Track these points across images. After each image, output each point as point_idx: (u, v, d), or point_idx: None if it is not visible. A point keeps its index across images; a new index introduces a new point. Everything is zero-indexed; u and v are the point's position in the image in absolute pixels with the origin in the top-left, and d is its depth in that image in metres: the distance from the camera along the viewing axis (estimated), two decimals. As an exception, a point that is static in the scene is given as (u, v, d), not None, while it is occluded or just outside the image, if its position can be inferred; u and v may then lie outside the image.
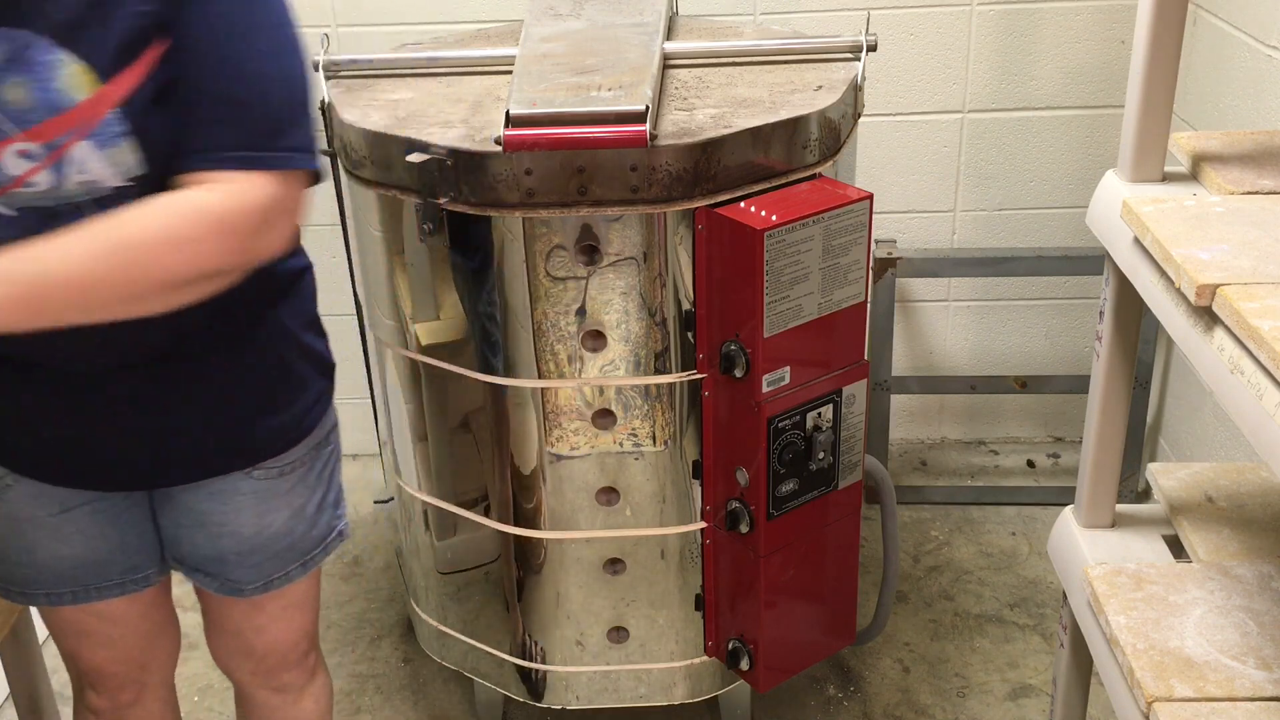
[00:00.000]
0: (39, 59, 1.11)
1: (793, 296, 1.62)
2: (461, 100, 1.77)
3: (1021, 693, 2.22)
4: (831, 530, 1.83)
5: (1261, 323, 1.08)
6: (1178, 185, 1.42)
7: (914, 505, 2.75)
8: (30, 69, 1.11)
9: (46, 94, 1.12)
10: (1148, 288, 1.30)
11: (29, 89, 1.12)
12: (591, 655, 1.92)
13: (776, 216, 1.57)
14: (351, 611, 2.50)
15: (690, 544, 1.85)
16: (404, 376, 1.87)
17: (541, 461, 1.78)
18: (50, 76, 1.12)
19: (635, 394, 1.73)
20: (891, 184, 2.68)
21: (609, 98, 1.62)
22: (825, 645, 1.98)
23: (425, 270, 1.74)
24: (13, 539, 1.40)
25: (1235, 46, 2.22)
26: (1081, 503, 1.60)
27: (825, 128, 1.70)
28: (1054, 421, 2.96)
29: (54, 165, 1.15)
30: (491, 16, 2.52)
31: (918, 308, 2.83)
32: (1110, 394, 1.52)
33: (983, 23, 2.56)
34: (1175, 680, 1.29)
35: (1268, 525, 1.55)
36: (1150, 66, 1.36)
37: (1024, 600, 2.45)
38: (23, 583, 1.44)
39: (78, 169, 1.15)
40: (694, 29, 2.08)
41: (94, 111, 1.13)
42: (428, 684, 2.30)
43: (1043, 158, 2.67)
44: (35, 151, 1.14)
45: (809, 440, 1.72)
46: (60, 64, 1.12)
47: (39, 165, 1.15)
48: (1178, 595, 1.42)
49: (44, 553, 1.41)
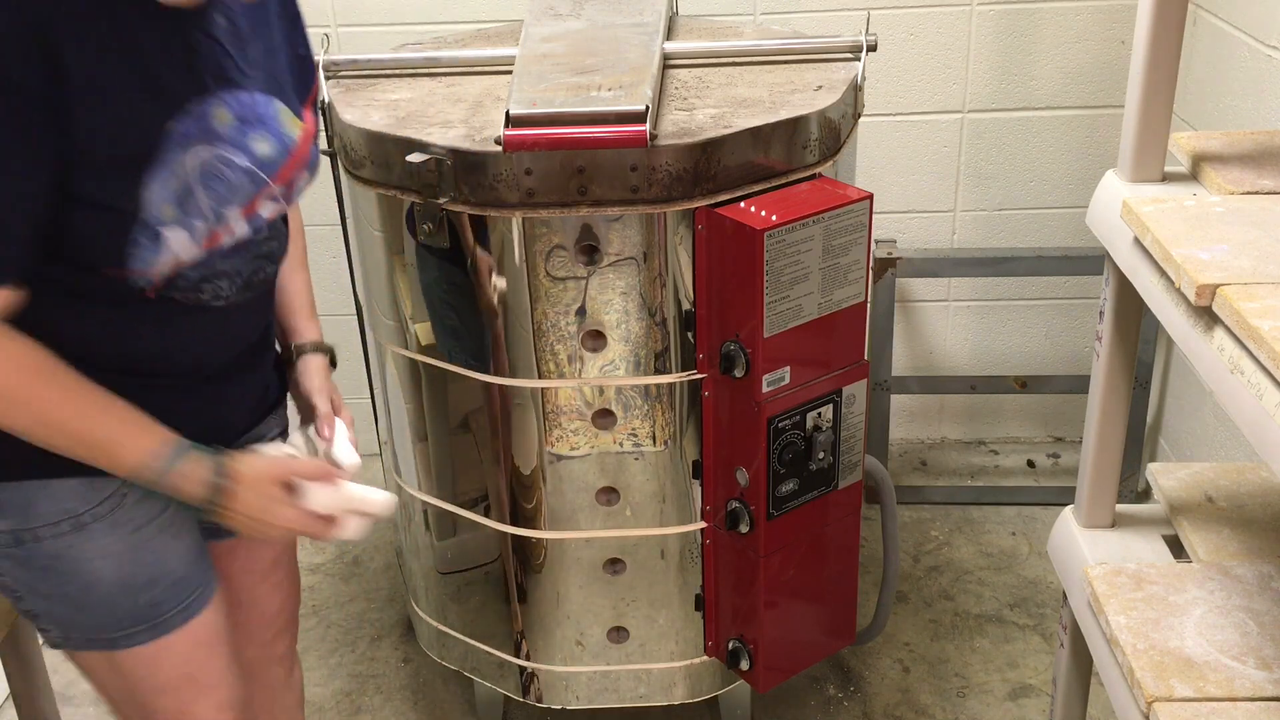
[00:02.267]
0: (265, 112, 1.25)
1: (793, 296, 1.62)
2: (461, 100, 1.78)
3: (1021, 693, 2.22)
4: (831, 530, 1.83)
5: (1261, 323, 1.08)
6: (1178, 185, 1.42)
7: (914, 505, 2.75)
8: (265, 123, 1.25)
9: (281, 140, 1.26)
10: (1148, 288, 1.30)
11: (269, 140, 1.25)
12: (591, 655, 1.92)
13: (776, 216, 1.57)
14: (351, 611, 2.50)
15: (690, 544, 1.85)
16: (404, 376, 1.87)
17: (541, 461, 1.78)
18: (278, 124, 1.26)
19: (635, 394, 1.73)
20: (891, 184, 2.69)
21: (609, 98, 1.62)
22: (825, 645, 1.98)
23: (425, 270, 1.74)
24: (141, 555, 1.34)
25: (1235, 46, 2.22)
26: (1081, 503, 1.60)
27: (825, 128, 1.70)
28: (1054, 421, 2.96)
29: (286, 201, 1.32)
30: (491, 16, 2.52)
31: (918, 308, 2.83)
32: (1110, 394, 1.52)
33: (983, 23, 2.56)
34: (1175, 680, 1.29)
35: (1268, 525, 1.55)
36: (1150, 66, 1.36)
37: (1024, 600, 2.45)
38: (151, 611, 1.36)
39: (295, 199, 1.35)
40: (694, 29, 2.08)
41: (306, 144, 1.31)
42: (428, 684, 2.30)
43: (1043, 158, 2.67)
44: (279, 193, 1.28)
45: (809, 440, 1.72)
46: (278, 111, 1.26)
47: (280, 205, 1.30)
48: (1178, 595, 1.42)
49: (169, 556, 1.37)
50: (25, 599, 1.34)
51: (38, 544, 1.29)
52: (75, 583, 1.31)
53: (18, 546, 1.29)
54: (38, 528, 1.28)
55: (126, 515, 1.32)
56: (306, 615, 2.46)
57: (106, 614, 1.34)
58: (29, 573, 1.31)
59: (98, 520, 1.30)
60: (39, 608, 1.34)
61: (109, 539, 1.31)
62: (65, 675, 2.28)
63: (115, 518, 1.31)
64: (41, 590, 1.32)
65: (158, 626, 1.36)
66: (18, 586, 1.33)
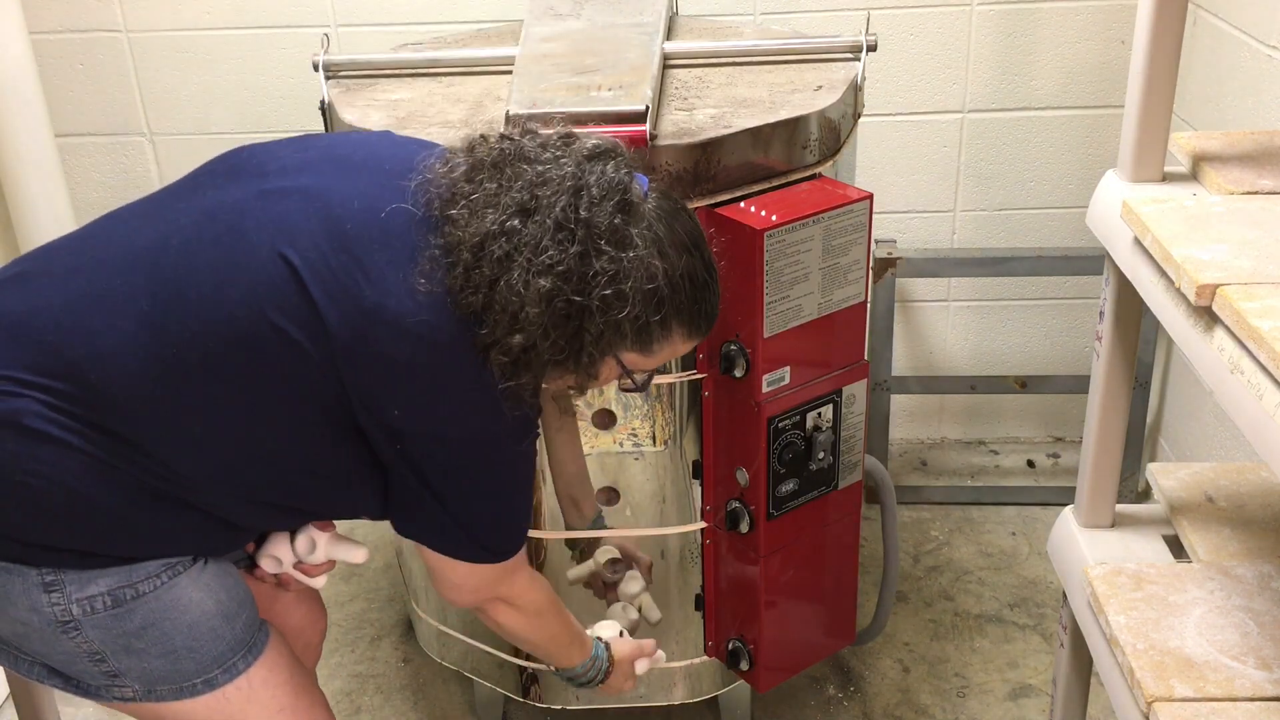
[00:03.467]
0: None
1: (793, 296, 1.62)
2: (461, 100, 1.77)
3: (1021, 693, 2.22)
4: (831, 530, 1.83)
5: (1261, 323, 1.08)
6: (1178, 185, 1.42)
7: (914, 505, 2.75)
8: None
9: None
10: (1148, 288, 1.30)
11: None
12: (591, 655, 1.92)
13: (776, 216, 1.57)
14: (351, 611, 2.50)
15: (690, 544, 1.85)
16: (404, 376, 1.87)
17: (541, 461, 1.78)
18: None
19: (635, 394, 1.73)
20: (891, 184, 2.68)
21: (609, 98, 1.62)
22: (825, 645, 1.98)
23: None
24: (225, 580, 1.37)
25: (1235, 46, 2.22)
26: (1081, 503, 1.60)
27: (825, 128, 1.70)
28: (1054, 421, 2.96)
29: None
30: (491, 16, 2.52)
31: (918, 308, 2.83)
32: (1110, 394, 1.52)
33: (983, 23, 2.56)
34: (1175, 680, 1.29)
35: (1268, 525, 1.55)
36: (1150, 66, 1.36)
37: (1024, 600, 2.45)
38: (247, 634, 1.38)
39: None
40: (694, 29, 2.08)
41: None
42: (428, 684, 2.30)
43: (1043, 158, 2.67)
44: None
45: (809, 440, 1.72)
46: None
47: None
48: (1178, 595, 1.41)
49: (237, 578, 1.40)
50: (109, 660, 1.31)
51: (138, 600, 1.29)
52: (179, 628, 1.31)
53: (117, 607, 1.28)
54: (138, 582, 1.29)
55: (226, 567, 1.38)
56: (306, 615, 2.46)
57: (211, 651, 1.34)
58: (121, 634, 1.30)
59: (192, 560, 1.33)
60: (124, 667, 1.31)
61: (201, 574, 1.34)
62: (65, 675, 2.28)
63: (198, 556, 1.35)
64: (135, 647, 1.30)
65: (253, 648, 1.38)
66: (102, 650, 1.30)
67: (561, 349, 1.21)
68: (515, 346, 1.19)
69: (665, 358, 1.32)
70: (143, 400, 1.22)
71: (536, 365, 1.22)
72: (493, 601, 1.43)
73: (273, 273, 1.21)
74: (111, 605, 1.28)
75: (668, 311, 1.25)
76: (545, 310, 1.18)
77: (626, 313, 1.20)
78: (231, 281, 1.22)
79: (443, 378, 1.23)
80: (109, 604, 1.28)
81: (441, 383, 1.23)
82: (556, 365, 1.24)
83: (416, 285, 1.19)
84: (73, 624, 1.27)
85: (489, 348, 1.21)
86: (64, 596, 1.26)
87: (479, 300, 1.19)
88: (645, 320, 1.23)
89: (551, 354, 1.21)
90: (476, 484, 1.31)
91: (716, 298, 1.33)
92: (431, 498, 1.30)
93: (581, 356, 1.23)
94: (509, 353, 1.20)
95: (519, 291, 1.18)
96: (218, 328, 1.21)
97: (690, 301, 1.27)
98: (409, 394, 1.24)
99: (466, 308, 1.20)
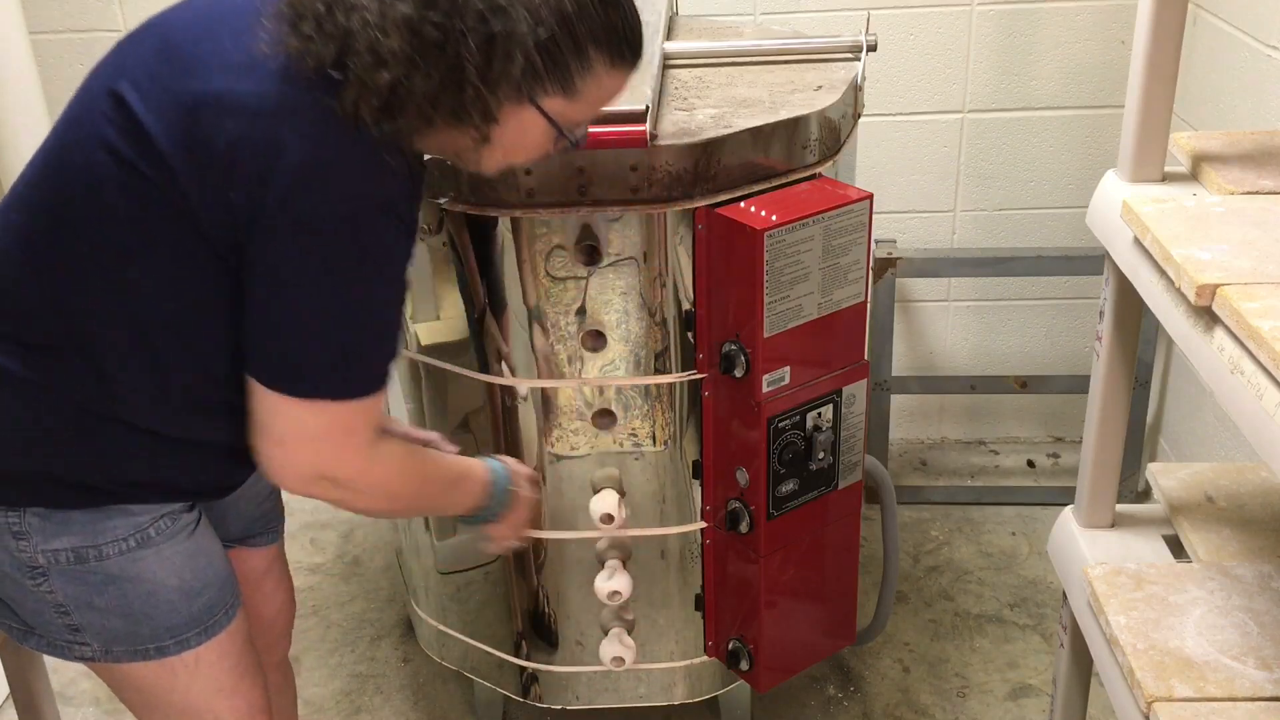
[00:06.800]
0: None
1: (793, 296, 1.62)
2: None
3: (1021, 693, 2.22)
4: (831, 530, 1.83)
5: (1261, 323, 1.08)
6: (1178, 185, 1.42)
7: (914, 505, 2.75)
8: None
9: None
10: (1148, 288, 1.30)
11: None
12: (591, 655, 1.92)
13: (776, 216, 1.57)
14: (351, 611, 2.50)
15: (690, 544, 1.85)
16: (404, 376, 1.87)
17: (541, 461, 1.78)
18: None
19: (635, 394, 1.73)
20: (891, 184, 2.69)
21: (609, 98, 1.62)
22: (825, 645, 1.98)
23: (425, 270, 1.74)
24: (196, 560, 1.36)
25: (1235, 46, 2.22)
26: (1081, 503, 1.60)
27: (825, 128, 1.70)
28: (1054, 421, 2.96)
29: None
30: (491, 16, 2.51)
31: (918, 308, 2.83)
32: (1110, 394, 1.52)
33: (983, 23, 2.56)
34: (1175, 680, 1.29)
35: (1268, 525, 1.55)
36: (1150, 66, 1.36)
37: (1024, 600, 2.45)
38: (205, 614, 1.37)
39: None
40: (694, 29, 2.08)
41: None
42: (428, 684, 2.30)
43: (1043, 158, 2.67)
44: None
45: (809, 440, 1.72)
46: None
47: None
48: (1178, 595, 1.42)
49: (216, 558, 1.39)
50: (72, 614, 1.31)
51: (101, 561, 1.28)
52: (137, 594, 1.31)
53: (78, 564, 1.28)
54: (104, 544, 1.28)
55: (181, 524, 1.34)
56: (306, 615, 2.46)
57: (165, 622, 1.33)
58: (84, 588, 1.29)
59: (160, 533, 1.31)
60: (85, 621, 1.32)
61: (170, 548, 1.32)
62: (65, 675, 2.28)
63: (174, 528, 1.33)
64: (96, 604, 1.30)
65: (209, 629, 1.37)
66: (66, 602, 1.30)
67: (439, 83, 1.11)
68: (383, 85, 1.10)
69: (596, 101, 1.20)
70: (39, 295, 1.21)
71: (412, 105, 1.12)
72: (321, 482, 1.23)
73: (105, 107, 1.17)
74: (74, 561, 1.28)
75: (574, 34, 1.12)
76: (409, 39, 1.09)
77: (514, 36, 1.09)
78: (73, 137, 1.20)
79: (284, 147, 1.11)
80: (71, 559, 1.27)
81: (284, 153, 1.11)
82: (444, 110, 1.13)
83: (253, 59, 1.12)
84: (40, 570, 1.28)
85: (358, 99, 1.11)
86: (30, 545, 1.27)
87: (332, 50, 1.10)
88: (547, 48, 1.11)
89: (427, 90, 1.11)
90: (326, 299, 1.18)
91: (634, 13, 1.19)
92: (280, 308, 1.17)
93: (466, 91, 1.12)
94: (379, 95, 1.10)
95: (377, 24, 1.08)
96: (65, 183, 1.20)
97: (600, 16, 1.14)
98: (248, 173, 1.12)
99: (317, 61, 1.11)
